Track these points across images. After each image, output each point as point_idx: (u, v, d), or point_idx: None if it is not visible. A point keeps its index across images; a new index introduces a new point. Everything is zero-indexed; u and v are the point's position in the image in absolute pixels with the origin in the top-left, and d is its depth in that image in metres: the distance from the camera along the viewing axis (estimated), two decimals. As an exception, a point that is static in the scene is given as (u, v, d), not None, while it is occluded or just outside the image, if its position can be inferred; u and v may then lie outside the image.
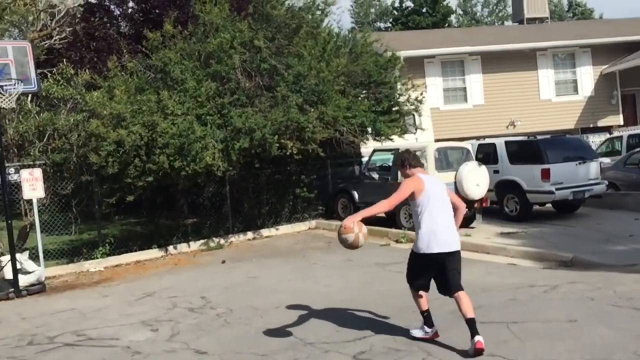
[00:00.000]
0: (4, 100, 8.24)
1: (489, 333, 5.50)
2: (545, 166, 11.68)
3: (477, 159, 12.05)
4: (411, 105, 13.15)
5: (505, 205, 12.39)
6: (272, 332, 6.03)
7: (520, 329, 5.60)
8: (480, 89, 19.89)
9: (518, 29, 24.33)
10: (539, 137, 12.40)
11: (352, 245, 5.11)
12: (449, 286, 5.26)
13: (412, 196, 5.17)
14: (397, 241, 10.80)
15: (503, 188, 12.35)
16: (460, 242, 5.37)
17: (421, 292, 5.46)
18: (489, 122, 19.43)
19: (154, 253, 11.13)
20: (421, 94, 13.31)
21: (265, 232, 12.60)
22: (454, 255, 5.25)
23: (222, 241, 11.88)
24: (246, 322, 6.49)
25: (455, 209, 5.45)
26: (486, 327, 5.60)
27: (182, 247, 11.47)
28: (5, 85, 8.29)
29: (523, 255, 9.06)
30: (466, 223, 11.70)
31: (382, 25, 42.75)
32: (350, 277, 8.30)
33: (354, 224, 4.97)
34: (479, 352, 4.95)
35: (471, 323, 5.09)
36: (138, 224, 15.03)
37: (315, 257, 9.97)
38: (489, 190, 11.60)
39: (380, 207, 5.14)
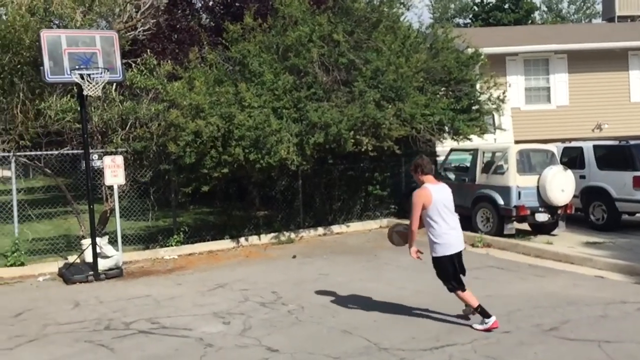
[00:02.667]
0: (91, 88, 8.44)
1: (580, 352, 5.13)
2: (638, 173, 10.92)
3: (561, 162, 11.42)
4: (492, 104, 12.62)
5: (591, 213, 11.72)
6: (344, 334, 5.87)
7: (614, 349, 5.17)
8: (566, 89, 18.87)
9: (609, 27, 22.96)
10: (631, 142, 11.61)
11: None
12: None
13: (423, 207, 5.84)
14: (472, 245, 10.38)
15: (589, 195, 11.68)
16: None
17: (466, 290, 5.97)
18: (573, 124, 18.42)
19: (226, 244, 11.22)
20: (503, 92, 12.73)
21: (335, 228, 12.47)
22: (461, 253, 6.02)
23: (292, 235, 11.84)
24: (318, 320, 6.36)
25: None
26: (576, 345, 5.23)
27: (253, 239, 11.51)
28: (93, 74, 8.49)
29: (612, 267, 8.47)
30: (548, 230, 11.16)
31: (461, 21, 41.62)
32: (425, 280, 7.96)
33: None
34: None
35: (480, 308, 5.89)
36: (210, 213, 15.25)
37: (387, 257, 9.72)
38: (574, 197, 10.98)
39: (413, 233, 5.98)
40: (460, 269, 6.02)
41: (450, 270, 5.95)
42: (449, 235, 5.84)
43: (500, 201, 10.74)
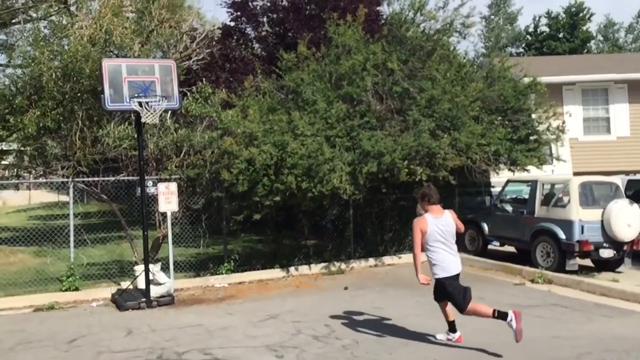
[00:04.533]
0: (149, 115, 8.55)
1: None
2: None
3: (626, 196, 10.87)
4: (552, 134, 12.21)
5: (658, 249, 11.04)
6: (403, 373, 5.60)
7: (703, 402, 4.73)
8: (626, 119, 18.21)
9: (670, 56, 22.20)
10: (703, 175, 10.98)
11: None
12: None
13: (422, 234, 6.22)
14: (532, 281, 9.95)
15: (657, 230, 11.02)
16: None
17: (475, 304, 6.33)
18: (634, 155, 17.69)
19: (276, 273, 11.09)
20: (563, 122, 12.32)
21: (387, 259, 12.20)
22: (458, 276, 6.37)
23: (343, 266, 11.63)
24: (374, 357, 6.11)
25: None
26: (659, 396, 4.81)
27: (304, 269, 11.35)
28: (151, 102, 8.61)
29: (687, 309, 7.91)
30: (612, 267, 10.60)
31: (513, 50, 41.05)
32: (484, 318, 7.63)
33: None
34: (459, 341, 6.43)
35: (452, 324, 6.55)
36: (259, 241, 15.20)
37: (442, 291, 9.36)
38: (640, 232, 10.40)
39: (416, 258, 6.28)
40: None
41: (459, 287, 6.27)
42: (447, 259, 6.22)
43: (562, 235, 10.26)
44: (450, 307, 6.49)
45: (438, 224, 6.24)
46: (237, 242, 14.60)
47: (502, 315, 6.09)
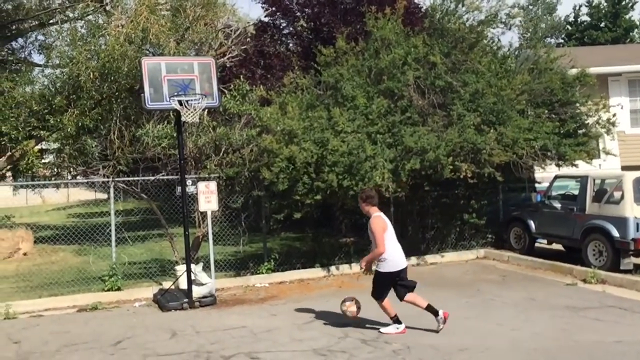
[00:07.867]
0: (189, 114, 8.42)
1: None
2: None
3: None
4: (602, 127, 11.72)
5: None
6: (461, 381, 5.34)
7: None
8: (676, 110, 17.49)
9: None
10: None
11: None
12: (409, 288, 6.96)
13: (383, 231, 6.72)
14: (584, 281, 9.51)
15: None
16: None
17: (388, 300, 6.91)
18: (685, 148, 16.96)
19: (317, 272, 10.90)
20: (614, 115, 11.82)
21: (429, 258, 11.89)
22: (406, 268, 6.95)
23: (385, 265, 11.35)
24: (428, 364, 5.85)
25: None
26: None
27: (344, 268, 11.14)
28: (191, 100, 8.48)
29: None
30: (670, 267, 10.11)
31: (553, 41, 39.96)
32: (539, 321, 7.31)
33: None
34: (446, 318, 6.84)
35: (430, 308, 6.89)
36: (297, 239, 15.03)
37: (491, 292, 9.05)
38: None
39: (377, 254, 6.71)
40: (409, 282, 6.95)
41: (389, 286, 6.85)
42: (396, 254, 6.77)
43: (616, 233, 9.81)
44: (389, 302, 6.94)
45: (388, 220, 6.86)
46: (275, 241, 14.47)
47: (398, 321, 6.92)
